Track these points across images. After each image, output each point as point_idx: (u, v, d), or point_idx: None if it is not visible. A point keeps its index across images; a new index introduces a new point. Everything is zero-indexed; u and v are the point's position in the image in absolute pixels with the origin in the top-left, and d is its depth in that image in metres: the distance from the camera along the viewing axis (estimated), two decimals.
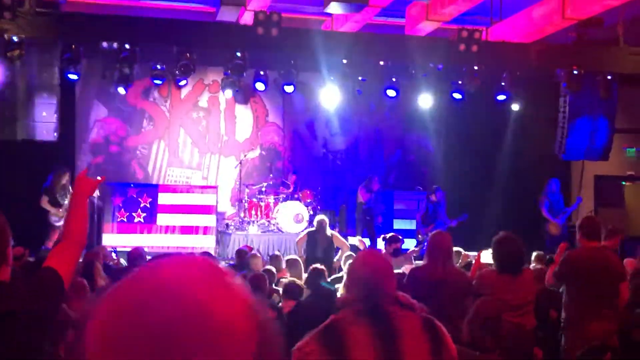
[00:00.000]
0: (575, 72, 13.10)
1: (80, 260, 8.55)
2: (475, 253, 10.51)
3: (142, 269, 0.87)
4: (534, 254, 9.30)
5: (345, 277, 3.55)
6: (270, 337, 0.85)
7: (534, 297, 5.95)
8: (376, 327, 3.09)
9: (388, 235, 10.44)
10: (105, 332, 0.81)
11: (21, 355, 2.52)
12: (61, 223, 11.31)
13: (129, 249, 10.31)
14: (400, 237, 10.22)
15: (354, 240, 12.85)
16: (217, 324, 0.80)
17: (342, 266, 9.39)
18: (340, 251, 11.20)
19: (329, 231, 11.27)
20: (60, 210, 11.78)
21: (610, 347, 5.53)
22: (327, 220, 11.54)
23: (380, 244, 11.09)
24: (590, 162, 15.20)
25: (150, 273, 0.85)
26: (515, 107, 14.75)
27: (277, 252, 10.73)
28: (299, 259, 9.67)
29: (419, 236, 13.76)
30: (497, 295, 5.51)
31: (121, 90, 13.36)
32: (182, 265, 0.85)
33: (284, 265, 9.36)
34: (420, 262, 8.46)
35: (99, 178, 3.35)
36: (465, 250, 10.67)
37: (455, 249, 7.25)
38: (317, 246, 11.02)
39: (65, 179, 12.03)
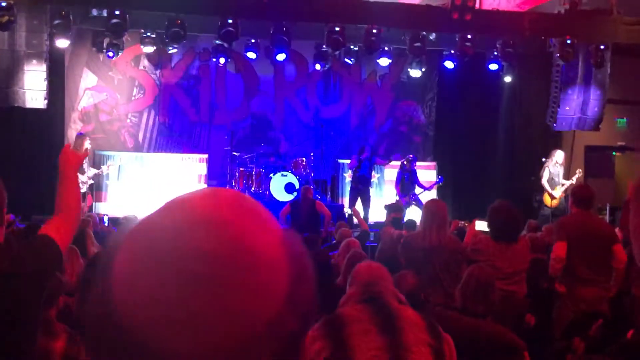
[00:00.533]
0: (568, 41, 13.06)
1: None
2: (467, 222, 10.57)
3: (172, 201, 0.85)
4: (528, 222, 9.31)
5: (349, 279, 3.62)
6: (303, 269, 0.84)
7: (527, 265, 5.97)
8: (379, 319, 3.16)
9: (390, 203, 10.32)
10: (135, 266, 0.79)
11: (14, 317, 2.50)
12: (84, 189, 11.83)
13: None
14: (402, 207, 10.00)
15: (348, 210, 12.86)
16: (251, 254, 0.79)
17: (335, 235, 9.40)
18: (324, 219, 11.26)
19: (311, 200, 11.35)
20: (84, 175, 11.98)
21: (602, 313, 5.58)
22: (310, 189, 11.59)
23: (382, 211, 10.95)
24: (581, 132, 15.21)
25: (181, 204, 0.83)
26: (507, 78, 14.74)
27: None
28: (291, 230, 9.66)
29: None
30: (492, 262, 5.54)
31: (111, 55, 13.26)
32: (214, 196, 0.84)
33: None
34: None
35: (87, 147, 3.34)
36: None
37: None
38: (299, 215, 11.08)
39: (86, 145, 11.99)
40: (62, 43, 12.36)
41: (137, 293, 0.78)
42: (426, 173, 14.54)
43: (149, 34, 13.20)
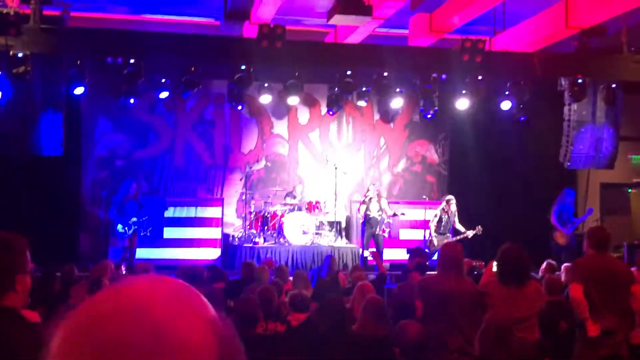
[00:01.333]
0: (579, 80, 13.10)
1: (87, 274, 8.57)
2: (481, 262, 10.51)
3: (108, 288, 0.89)
4: (545, 262, 9.21)
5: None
6: (233, 352, 0.87)
7: (539, 309, 5.86)
8: None
9: (414, 248, 10.20)
10: (62, 348, 0.83)
11: None
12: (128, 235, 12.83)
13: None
14: (426, 252, 9.82)
15: (367, 253, 12.84)
16: (172, 342, 0.81)
17: (349, 279, 9.38)
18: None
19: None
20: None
21: (621, 356, 5.51)
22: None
23: (401, 254, 10.84)
24: (595, 170, 15.17)
25: (115, 291, 0.87)
26: (520, 116, 14.75)
27: (283, 265, 10.71)
28: (303, 272, 9.62)
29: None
30: (502, 307, 5.47)
31: (126, 104, 13.45)
32: (147, 284, 0.87)
33: (289, 277, 9.33)
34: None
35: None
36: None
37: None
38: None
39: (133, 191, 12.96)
40: (78, 91, 12.55)
41: None
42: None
43: (163, 80, 13.38)
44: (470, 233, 13.48)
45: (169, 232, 13.95)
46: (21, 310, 2.71)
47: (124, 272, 10.82)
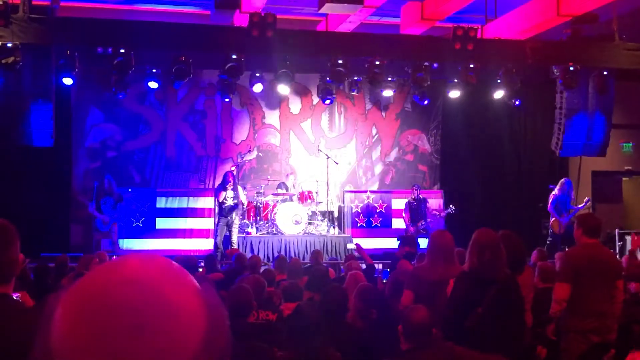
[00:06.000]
0: (571, 68, 13.11)
1: (78, 265, 8.54)
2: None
3: (104, 265, 1.00)
4: (536, 250, 9.23)
5: None
6: (218, 317, 0.98)
7: (531, 295, 5.90)
8: None
9: (404, 236, 10.21)
10: (72, 319, 0.92)
11: None
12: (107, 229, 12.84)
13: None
14: (416, 241, 9.82)
15: (352, 245, 12.83)
16: (170, 305, 0.93)
17: (343, 267, 9.38)
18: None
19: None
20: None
21: (611, 344, 5.52)
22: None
23: (394, 243, 10.85)
24: (587, 158, 15.21)
25: (112, 267, 0.98)
26: (511, 105, 14.75)
27: (282, 255, 10.69)
28: (299, 261, 9.62)
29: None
30: None
31: (117, 95, 13.41)
32: (141, 260, 0.99)
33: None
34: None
35: None
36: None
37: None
38: None
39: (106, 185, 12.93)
40: (67, 81, 12.48)
41: (73, 342, 0.90)
42: (433, 201, 14.61)
43: (154, 70, 13.31)
44: (443, 213, 13.69)
45: (161, 223, 13.92)
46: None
47: None
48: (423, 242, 12.09)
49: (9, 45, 11.03)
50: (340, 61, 12.81)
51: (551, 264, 8.09)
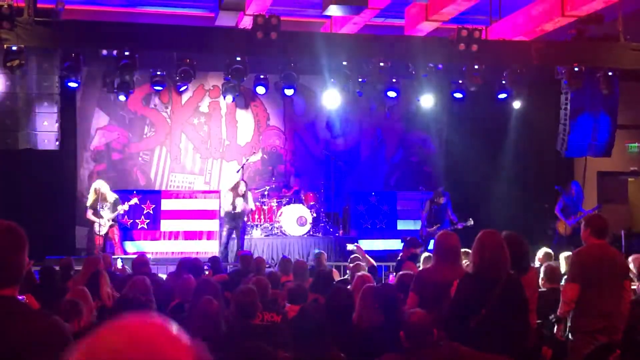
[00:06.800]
0: (576, 69, 13.08)
1: (82, 267, 8.54)
2: None
3: (111, 325, 1.16)
4: (542, 250, 9.17)
5: None
6: None
7: (537, 296, 5.87)
8: None
9: (408, 238, 10.20)
10: None
11: None
12: (105, 230, 12.67)
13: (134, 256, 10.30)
14: (421, 243, 9.78)
15: (351, 246, 12.79)
16: None
17: (348, 269, 9.37)
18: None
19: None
20: (102, 219, 12.68)
21: (617, 344, 5.50)
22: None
23: (399, 245, 10.81)
24: (592, 159, 15.15)
25: (118, 329, 1.14)
26: (516, 106, 14.71)
27: (288, 257, 10.68)
28: (305, 263, 9.61)
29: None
30: None
31: (122, 97, 13.43)
32: (144, 323, 1.17)
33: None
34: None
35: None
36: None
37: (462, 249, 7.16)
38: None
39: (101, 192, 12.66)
40: (73, 84, 12.50)
41: None
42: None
43: (158, 72, 13.33)
44: (460, 225, 13.47)
45: (166, 225, 13.93)
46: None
47: (119, 267, 10.79)
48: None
49: (14, 48, 11.05)
50: (344, 63, 12.87)
51: (557, 265, 8.07)
